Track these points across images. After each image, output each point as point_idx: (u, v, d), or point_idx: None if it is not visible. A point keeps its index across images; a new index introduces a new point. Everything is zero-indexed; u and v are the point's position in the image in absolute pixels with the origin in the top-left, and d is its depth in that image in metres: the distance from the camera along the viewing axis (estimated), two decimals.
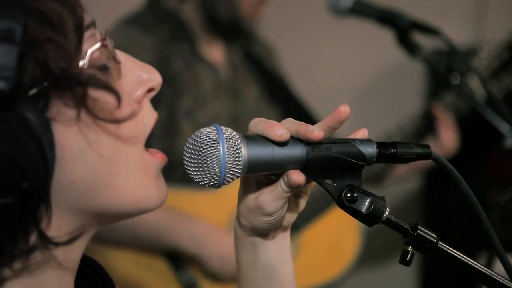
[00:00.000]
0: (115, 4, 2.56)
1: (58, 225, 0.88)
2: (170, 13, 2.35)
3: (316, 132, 0.95)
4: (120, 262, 2.25)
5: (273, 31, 2.85)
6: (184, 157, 0.96)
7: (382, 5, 2.03)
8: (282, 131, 0.96)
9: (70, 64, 0.85)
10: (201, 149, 0.95)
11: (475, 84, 2.30)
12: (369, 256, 3.22)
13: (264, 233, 1.05)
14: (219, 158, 0.95)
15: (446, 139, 2.44)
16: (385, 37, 2.15)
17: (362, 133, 1.00)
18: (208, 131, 0.96)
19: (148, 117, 0.94)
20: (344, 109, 0.96)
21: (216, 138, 0.95)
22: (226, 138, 0.95)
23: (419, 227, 0.98)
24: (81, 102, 0.85)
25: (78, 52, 0.87)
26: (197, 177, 0.96)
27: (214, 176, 0.95)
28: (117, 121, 0.88)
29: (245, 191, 1.03)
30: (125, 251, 2.25)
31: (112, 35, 0.94)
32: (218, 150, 0.95)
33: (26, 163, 0.81)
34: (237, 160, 0.95)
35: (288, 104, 2.54)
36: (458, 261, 0.99)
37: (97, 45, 0.89)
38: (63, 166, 0.86)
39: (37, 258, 0.87)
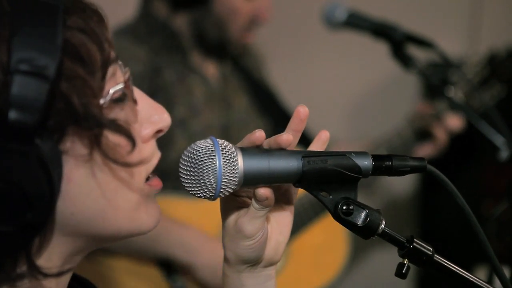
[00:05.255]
0: (108, 14, 2.55)
1: (48, 252, 0.88)
2: (162, 24, 2.35)
3: (285, 135, 0.97)
4: (111, 269, 2.24)
5: (268, 44, 2.85)
6: (180, 170, 0.96)
7: (377, 18, 2.03)
8: (259, 131, 0.98)
9: (92, 102, 0.85)
10: (197, 161, 0.95)
11: (468, 97, 2.30)
12: (363, 268, 3.22)
13: (251, 265, 1.04)
14: (215, 171, 0.95)
15: (439, 136, 2.41)
16: (380, 49, 2.16)
17: (324, 135, 1.03)
18: (204, 144, 0.96)
19: (154, 158, 0.94)
20: (303, 110, 1.01)
21: (212, 150, 0.95)
22: (222, 151, 0.95)
23: (415, 239, 0.98)
24: (96, 142, 0.85)
25: (101, 90, 0.87)
26: (193, 189, 0.96)
27: (210, 188, 0.95)
28: (128, 165, 0.88)
29: (225, 218, 1.03)
30: (117, 258, 2.24)
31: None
32: (214, 162, 0.95)
33: (34, 195, 0.81)
34: (233, 172, 0.95)
35: (277, 114, 2.54)
36: (454, 274, 0.99)
37: (120, 85, 0.89)
38: (65, 198, 0.86)
39: (25, 286, 0.87)
